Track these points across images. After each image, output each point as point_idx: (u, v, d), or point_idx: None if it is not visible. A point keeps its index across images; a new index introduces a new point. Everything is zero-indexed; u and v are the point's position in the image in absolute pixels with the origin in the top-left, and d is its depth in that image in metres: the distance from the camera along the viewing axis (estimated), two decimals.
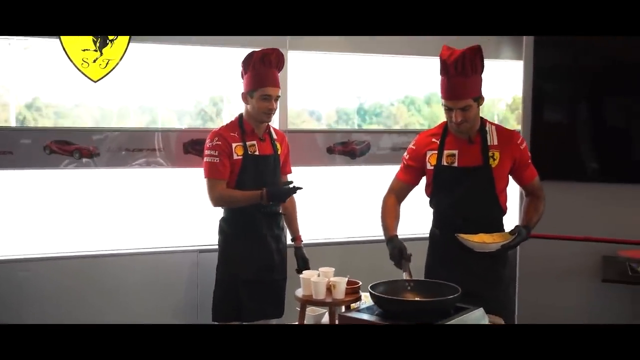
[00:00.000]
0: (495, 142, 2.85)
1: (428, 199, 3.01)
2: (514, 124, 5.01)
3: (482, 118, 2.90)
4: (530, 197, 2.98)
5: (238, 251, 3.33)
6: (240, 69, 3.34)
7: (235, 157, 3.26)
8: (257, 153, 3.31)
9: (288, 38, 3.95)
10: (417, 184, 3.04)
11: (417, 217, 3.41)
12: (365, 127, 5.61)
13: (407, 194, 3.04)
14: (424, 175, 2.99)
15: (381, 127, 6.05)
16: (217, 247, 3.48)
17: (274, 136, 3.44)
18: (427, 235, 3.08)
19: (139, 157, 3.85)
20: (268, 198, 3.20)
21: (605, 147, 4.30)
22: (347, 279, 2.70)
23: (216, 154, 3.23)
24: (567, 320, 3.65)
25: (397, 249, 2.72)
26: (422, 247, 3.02)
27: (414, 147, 3.00)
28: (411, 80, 5.20)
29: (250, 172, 3.28)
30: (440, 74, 2.80)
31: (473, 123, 2.83)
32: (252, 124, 3.33)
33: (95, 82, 3.63)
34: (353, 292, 2.71)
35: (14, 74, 3.98)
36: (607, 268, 3.85)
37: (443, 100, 2.82)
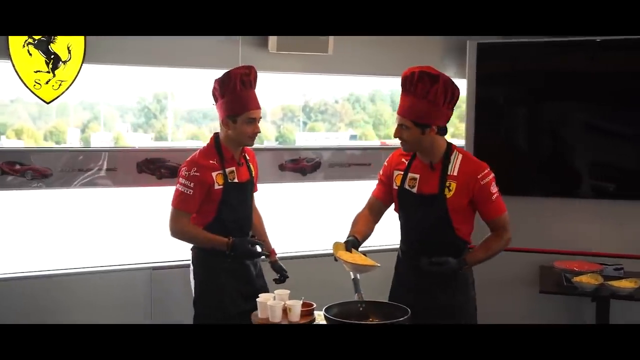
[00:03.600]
0: (455, 173, 2.80)
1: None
2: None
3: (451, 145, 2.86)
4: (491, 234, 2.91)
5: (225, 285, 3.11)
6: (213, 90, 3.11)
7: (216, 186, 3.05)
8: (236, 180, 3.12)
9: (240, 56, 4.04)
10: (388, 201, 3.02)
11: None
12: (310, 124, 5.71)
13: (380, 212, 3.03)
14: None
15: (328, 132, 6.18)
16: (171, 264, 3.52)
17: (247, 157, 3.26)
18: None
19: (92, 176, 3.87)
20: (232, 250, 3.03)
21: (543, 161, 4.55)
22: (301, 302, 2.81)
23: (191, 185, 3.00)
24: None
25: (348, 244, 2.77)
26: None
27: (386, 164, 3.00)
28: (356, 78, 5.29)
29: (230, 201, 3.10)
30: None
31: (413, 146, 2.83)
32: (231, 149, 3.12)
33: (47, 103, 3.64)
34: (308, 314, 2.82)
35: None
36: (544, 279, 4.06)
37: None
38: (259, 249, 3.16)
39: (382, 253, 3.28)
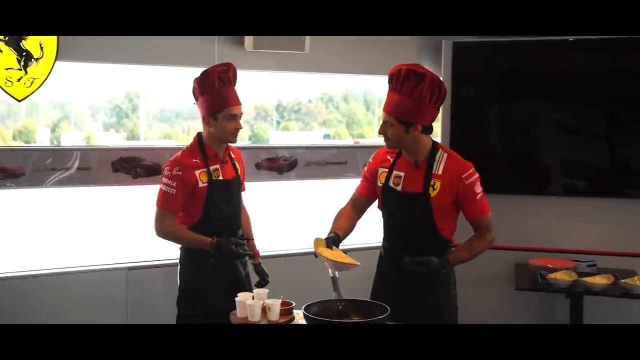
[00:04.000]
0: (440, 172, 2.81)
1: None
2: None
3: (436, 144, 2.87)
4: (475, 234, 2.91)
5: (212, 284, 3.09)
6: (193, 89, 3.09)
7: (200, 184, 3.03)
8: (221, 178, 3.10)
9: (216, 56, 4.01)
10: (372, 198, 3.02)
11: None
12: (283, 124, 5.70)
13: (363, 208, 3.03)
14: None
15: (301, 131, 6.19)
16: (147, 264, 3.48)
17: (233, 155, 3.25)
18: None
19: (65, 176, 3.80)
20: (215, 251, 3.01)
21: (517, 159, 4.59)
22: (280, 300, 2.80)
23: (174, 184, 2.99)
24: None
25: (329, 240, 2.78)
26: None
27: (371, 161, 3.00)
28: (329, 77, 5.30)
29: (216, 198, 3.08)
30: None
31: (396, 144, 2.83)
32: (215, 147, 3.11)
33: (19, 101, 3.58)
34: (287, 312, 2.81)
35: None
36: (519, 276, 4.10)
37: None
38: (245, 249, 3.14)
39: (363, 251, 3.28)
